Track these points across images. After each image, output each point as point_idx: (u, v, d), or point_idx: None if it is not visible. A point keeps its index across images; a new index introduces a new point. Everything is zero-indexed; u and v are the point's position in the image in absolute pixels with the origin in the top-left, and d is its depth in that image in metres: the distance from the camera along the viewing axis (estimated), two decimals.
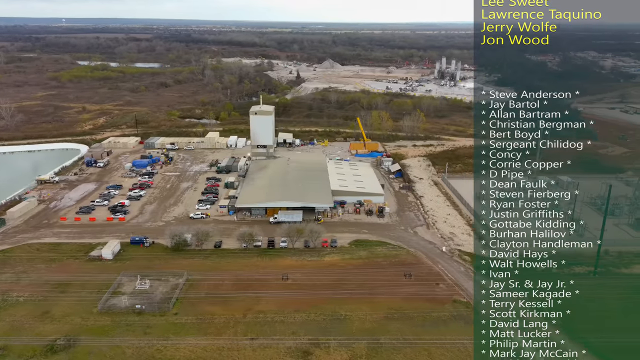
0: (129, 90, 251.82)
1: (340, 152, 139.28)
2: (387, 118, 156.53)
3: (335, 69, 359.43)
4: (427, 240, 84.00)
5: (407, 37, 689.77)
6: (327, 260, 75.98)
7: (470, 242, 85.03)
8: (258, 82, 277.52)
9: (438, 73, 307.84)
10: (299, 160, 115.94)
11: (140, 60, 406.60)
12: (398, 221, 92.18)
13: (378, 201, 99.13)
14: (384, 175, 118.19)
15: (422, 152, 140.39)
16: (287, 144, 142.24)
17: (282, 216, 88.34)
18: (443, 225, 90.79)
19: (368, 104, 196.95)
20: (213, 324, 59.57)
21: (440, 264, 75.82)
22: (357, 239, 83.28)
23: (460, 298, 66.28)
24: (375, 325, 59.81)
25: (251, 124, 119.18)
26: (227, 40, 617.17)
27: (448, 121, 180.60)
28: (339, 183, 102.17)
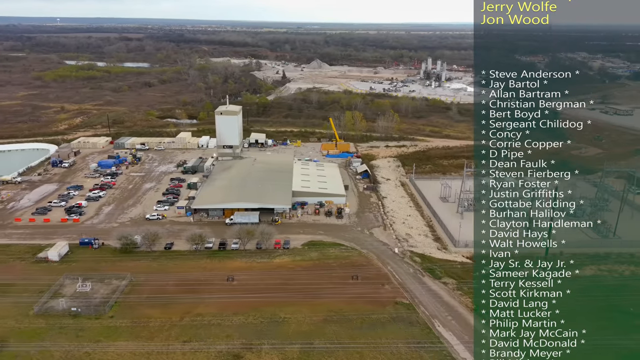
0: (112, 90, 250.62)
1: (312, 152, 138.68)
2: (360, 119, 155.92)
3: (322, 69, 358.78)
4: (381, 242, 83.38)
5: (400, 38, 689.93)
6: (276, 262, 75.30)
7: (425, 243, 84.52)
8: (243, 82, 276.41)
9: (424, 74, 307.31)
10: (265, 161, 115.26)
11: (129, 60, 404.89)
12: (356, 222, 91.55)
13: (339, 202, 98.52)
14: (351, 176, 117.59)
15: (394, 152, 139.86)
16: (259, 144, 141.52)
17: (238, 217, 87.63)
18: (401, 227, 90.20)
19: (347, 104, 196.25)
20: (147, 327, 58.79)
21: (390, 265, 75.20)
22: (311, 241, 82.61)
23: (402, 300, 65.68)
24: (312, 328, 59.12)
25: (217, 125, 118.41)
26: (219, 40, 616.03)
27: (425, 122, 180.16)
28: (302, 184, 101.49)
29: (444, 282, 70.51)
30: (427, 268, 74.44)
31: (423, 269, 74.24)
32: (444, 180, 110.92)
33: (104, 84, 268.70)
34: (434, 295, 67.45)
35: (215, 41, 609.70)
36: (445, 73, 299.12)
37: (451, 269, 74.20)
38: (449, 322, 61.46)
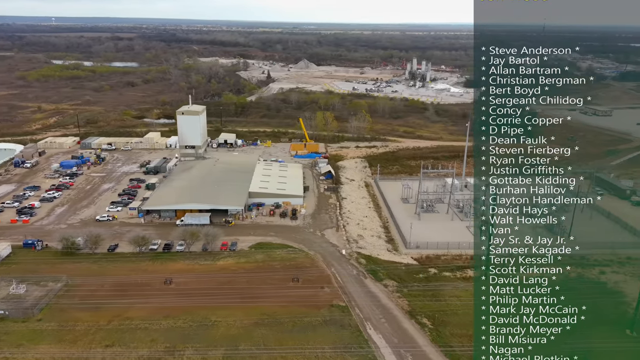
0: (93, 90, 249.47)
1: (281, 153, 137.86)
2: (331, 119, 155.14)
3: (309, 69, 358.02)
4: (330, 243, 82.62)
5: (394, 38, 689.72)
6: (219, 264, 74.47)
7: (377, 244, 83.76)
8: (227, 82, 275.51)
9: (409, 74, 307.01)
10: (228, 162, 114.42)
11: (117, 59, 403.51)
12: (310, 223, 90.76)
13: (297, 203, 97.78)
14: (315, 177, 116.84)
15: (363, 153, 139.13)
16: (229, 145, 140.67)
17: (188, 219, 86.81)
18: (354, 228, 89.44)
19: (325, 104, 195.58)
20: (73, 331, 57.91)
21: (334, 267, 74.43)
22: (260, 242, 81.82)
23: (339, 302, 64.91)
24: (241, 332, 58.32)
25: (178, 125, 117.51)
26: (210, 40, 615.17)
27: (401, 122, 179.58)
28: (260, 185, 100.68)
29: (384, 285, 69.78)
30: (370, 270, 73.70)
31: (367, 271, 73.49)
32: (405, 181, 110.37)
33: (87, 83, 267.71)
34: (372, 297, 66.71)
35: (207, 41, 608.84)
36: (430, 73, 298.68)
37: (395, 271, 73.47)
38: (381, 324, 60.73)
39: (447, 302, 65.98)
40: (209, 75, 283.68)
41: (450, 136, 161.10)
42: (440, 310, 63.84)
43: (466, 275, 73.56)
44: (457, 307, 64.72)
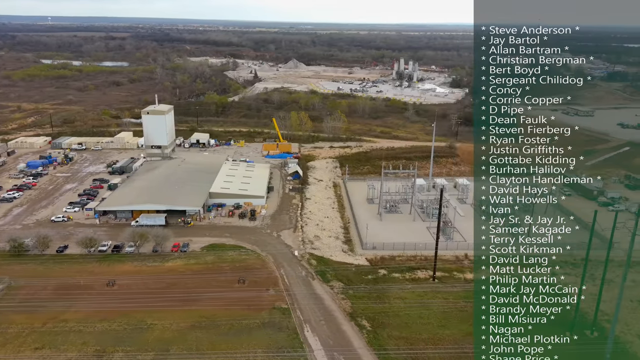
0: (77, 89, 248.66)
1: (253, 153, 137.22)
2: (306, 119, 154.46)
3: (298, 69, 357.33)
4: (285, 244, 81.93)
5: (388, 38, 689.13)
6: (167, 266, 73.76)
7: (333, 245, 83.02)
8: (213, 82, 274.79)
9: (396, 74, 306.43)
10: (194, 162, 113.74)
11: (107, 59, 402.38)
12: (268, 224, 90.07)
13: (259, 204, 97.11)
14: (282, 177, 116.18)
15: (336, 153, 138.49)
16: (201, 145, 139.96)
17: (143, 219, 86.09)
18: (313, 229, 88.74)
19: (306, 104, 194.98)
20: (5, 333, 57.16)
21: (284, 268, 73.76)
22: (213, 243, 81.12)
23: (282, 304, 64.22)
24: (175, 335, 57.60)
25: (144, 125, 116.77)
26: (203, 40, 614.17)
27: (380, 122, 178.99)
28: (223, 185, 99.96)
29: (330, 286, 69.14)
30: (320, 271, 73.04)
31: (316, 272, 72.83)
32: (370, 181, 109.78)
33: (72, 83, 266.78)
34: (316, 299, 66.04)
35: (200, 40, 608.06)
36: (417, 73, 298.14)
37: (344, 272, 72.84)
38: (320, 327, 60.07)
39: (391, 303, 65.32)
40: (195, 75, 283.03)
41: (426, 136, 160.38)
42: (382, 312, 63.22)
43: (415, 277, 72.99)
44: (399, 309, 64.09)
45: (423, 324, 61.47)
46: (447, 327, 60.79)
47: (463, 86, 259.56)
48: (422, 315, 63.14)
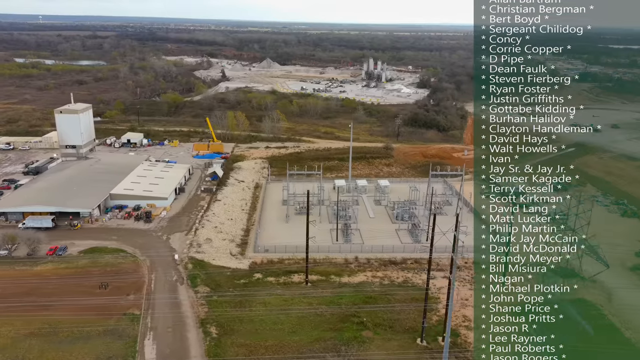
0: (37, 89, 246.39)
1: (185, 152, 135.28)
2: (243, 118, 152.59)
3: (271, 69, 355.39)
4: (170, 247, 79.94)
5: (376, 38, 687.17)
6: (35, 270, 71.69)
7: (223, 248, 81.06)
8: (179, 81, 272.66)
9: (365, 74, 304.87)
10: (110, 162, 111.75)
11: (83, 57, 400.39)
12: (163, 226, 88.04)
13: (162, 205, 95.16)
14: (202, 178, 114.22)
15: (270, 153, 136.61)
16: (132, 144, 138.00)
17: (30, 221, 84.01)
18: (208, 231, 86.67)
19: (258, 104, 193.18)
20: None
21: (156, 273, 71.79)
22: (95, 247, 79.05)
23: (135, 311, 62.22)
24: (7, 343, 55.56)
25: (57, 124, 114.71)
26: (187, 39, 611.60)
27: (329, 123, 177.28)
28: (128, 186, 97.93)
29: (196, 291, 67.22)
30: (192, 276, 71.08)
31: (188, 277, 70.88)
32: (285, 183, 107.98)
33: (35, 82, 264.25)
34: (174, 305, 64.11)
35: (184, 40, 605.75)
36: (386, 73, 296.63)
37: (216, 277, 70.94)
38: (165, 334, 58.14)
39: (251, 309, 63.44)
40: (161, 74, 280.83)
41: (369, 137, 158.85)
42: (237, 318, 61.33)
43: (289, 281, 71.20)
44: (257, 314, 62.23)
45: (275, 330, 59.61)
46: (297, 334, 58.97)
47: (428, 87, 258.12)
48: (277, 321, 61.27)
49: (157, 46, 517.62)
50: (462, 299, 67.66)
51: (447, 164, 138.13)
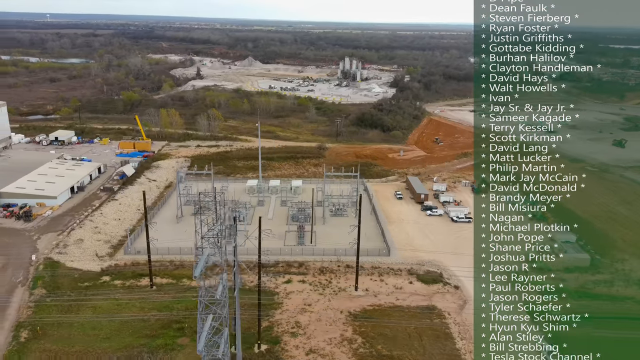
0: (7, 86, 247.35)
1: (110, 150, 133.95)
2: (176, 116, 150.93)
3: (251, 67, 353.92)
4: (34, 247, 78.31)
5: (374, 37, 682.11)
6: None
7: (92, 249, 79.23)
8: (152, 79, 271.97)
9: (341, 73, 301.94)
10: (16, 160, 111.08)
11: (71, 55, 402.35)
12: (41, 226, 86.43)
13: (52, 204, 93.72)
14: (111, 177, 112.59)
15: (198, 152, 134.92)
16: (60, 142, 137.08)
17: None
18: (85, 232, 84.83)
19: (211, 102, 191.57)
20: None
21: (6, 273, 70.20)
22: None
23: None
24: None
25: None
26: (181, 37, 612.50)
27: (279, 122, 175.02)
28: (22, 185, 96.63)
29: (31, 294, 65.52)
30: (38, 277, 69.48)
31: (33, 278, 69.23)
32: (189, 182, 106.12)
33: (8, 79, 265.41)
34: (2, 308, 62.33)
35: (178, 38, 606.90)
36: (361, 72, 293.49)
37: (61, 279, 69.25)
38: None
39: (79, 313, 61.64)
40: (134, 72, 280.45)
41: (310, 137, 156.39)
42: (58, 322, 59.50)
43: (135, 284, 69.19)
44: (79, 320, 60.32)
45: (88, 336, 57.62)
46: (110, 340, 56.94)
47: (399, 87, 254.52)
48: (97, 326, 59.28)
49: (150, 44, 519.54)
50: (306, 304, 65.16)
51: (378, 164, 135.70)
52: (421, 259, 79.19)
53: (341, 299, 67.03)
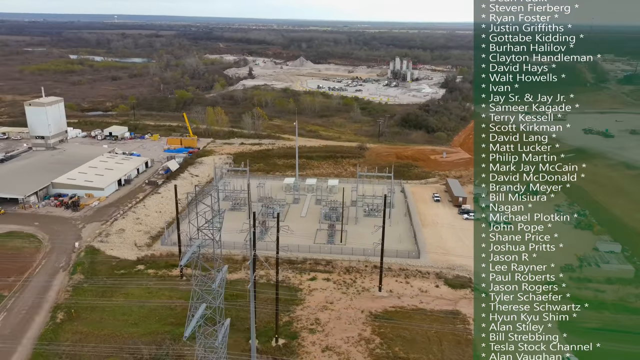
0: (71, 83, 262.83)
1: (158, 146, 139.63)
2: (221, 114, 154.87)
3: (303, 67, 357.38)
4: (79, 236, 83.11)
5: (430, 37, 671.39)
6: None
7: (131, 239, 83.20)
8: (206, 79, 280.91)
9: (391, 73, 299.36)
10: (71, 154, 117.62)
11: (133, 55, 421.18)
12: (87, 215, 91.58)
13: (99, 195, 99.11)
14: (156, 171, 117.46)
15: (241, 149, 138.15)
16: (113, 137, 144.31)
17: None
18: (126, 222, 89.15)
19: (258, 101, 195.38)
20: None
21: (49, 258, 75.07)
22: (12, 231, 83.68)
23: (4, 292, 65.47)
24: None
25: (27, 115, 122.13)
26: (239, 38, 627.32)
27: (323, 121, 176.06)
28: (73, 176, 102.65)
29: (70, 278, 69.69)
30: (79, 263, 73.75)
31: (74, 264, 73.60)
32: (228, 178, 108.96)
33: (73, 77, 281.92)
34: (43, 289, 66.83)
35: (236, 39, 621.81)
36: (411, 73, 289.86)
37: (99, 266, 73.24)
38: (16, 316, 61.00)
39: (112, 299, 65.01)
40: (190, 72, 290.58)
41: (352, 137, 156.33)
42: (91, 306, 63.07)
43: (166, 274, 72.02)
44: (113, 304, 63.62)
45: (118, 320, 60.73)
46: (137, 325, 59.75)
47: (449, 87, 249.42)
48: (127, 312, 62.36)
49: (208, 45, 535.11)
50: (327, 302, 65.58)
51: (419, 166, 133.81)
52: (452, 263, 77.62)
53: (363, 299, 66.93)
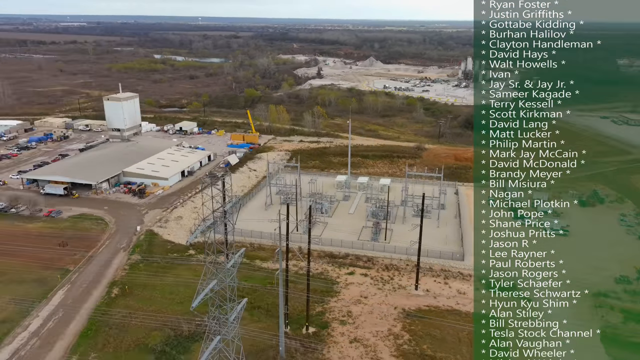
0: (153, 81, 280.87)
1: (222, 141, 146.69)
2: (283, 112, 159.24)
3: (372, 67, 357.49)
4: (141, 220, 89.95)
5: None
6: (27, 227, 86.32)
7: (187, 226, 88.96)
8: (276, 78, 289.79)
9: (462, 73, 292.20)
10: (143, 146, 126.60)
11: (212, 55, 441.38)
12: (152, 202, 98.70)
13: (164, 184, 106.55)
14: (219, 165, 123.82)
15: (299, 146, 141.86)
16: (183, 132, 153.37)
17: (48, 188, 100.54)
18: (184, 210, 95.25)
19: (322, 100, 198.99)
20: None
21: (113, 239, 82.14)
22: (84, 213, 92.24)
23: (70, 267, 72.79)
24: None
25: (105, 109, 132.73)
26: (312, 39, 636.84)
27: (384, 121, 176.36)
28: (142, 166, 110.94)
29: (129, 258, 76.00)
30: (137, 244, 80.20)
31: (133, 245, 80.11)
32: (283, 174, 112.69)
33: (155, 76, 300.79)
34: (104, 266, 73.49)
35: (309, 39, 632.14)
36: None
37: (155, 248, 79.16)
38: (77, 288, 67.66)
39: (162, 278, 70.32)
40: (261, 71, 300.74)
41: (412, 137, 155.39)
42: (144, 284, 68.71)
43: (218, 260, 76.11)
44: (163, 283, 68.86)
45: (166, 298, 65.78)
46: (183, 304, 64.28)
47: None
48: (175, 291, 67.32)
49: (282, 45, 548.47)
50: (362, 296, 66.94)
51: None
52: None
53: (398, 296, 67.60)
